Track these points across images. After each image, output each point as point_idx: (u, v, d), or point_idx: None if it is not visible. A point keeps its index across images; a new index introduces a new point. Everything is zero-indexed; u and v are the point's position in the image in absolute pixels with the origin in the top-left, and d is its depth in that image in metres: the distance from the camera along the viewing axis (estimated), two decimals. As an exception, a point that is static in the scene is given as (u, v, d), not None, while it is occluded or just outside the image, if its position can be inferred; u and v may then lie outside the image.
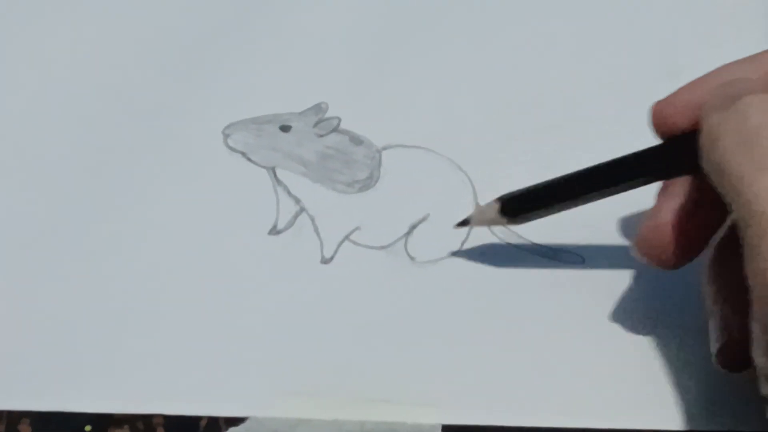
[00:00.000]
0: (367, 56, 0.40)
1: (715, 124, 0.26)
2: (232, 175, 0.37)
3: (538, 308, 0.34)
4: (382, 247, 0.35)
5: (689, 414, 0.31)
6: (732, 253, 0.27)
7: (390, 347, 0.33)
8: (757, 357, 0.25)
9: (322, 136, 0.37)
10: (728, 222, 0.30)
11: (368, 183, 0.37)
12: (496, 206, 0.33)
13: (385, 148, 0.37)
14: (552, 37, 0.40)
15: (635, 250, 0.30)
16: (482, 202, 0.35)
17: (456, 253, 0.35)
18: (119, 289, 0.35)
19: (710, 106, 0.27)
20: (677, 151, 0.29)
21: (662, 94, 0.30)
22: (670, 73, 0.30)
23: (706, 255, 0.30)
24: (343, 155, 0.37)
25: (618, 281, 0.34)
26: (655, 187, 0.31)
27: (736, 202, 0.25)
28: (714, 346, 0.29)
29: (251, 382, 0.33)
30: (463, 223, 0.34)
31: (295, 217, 0.36)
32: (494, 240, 0.35)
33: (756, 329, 0.25)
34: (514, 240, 0.35)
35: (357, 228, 0.36)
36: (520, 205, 0.32)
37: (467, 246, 0.35)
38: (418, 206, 0.36)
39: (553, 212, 0.32)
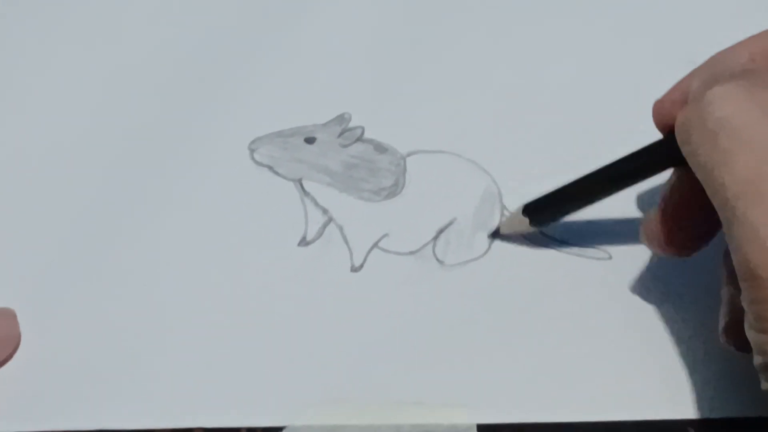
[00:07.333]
0: (387, 65, 0.40)
1: (686, 118, 0.27)
2: (259, 189, 0.37)
3: (566, 306, 0.34)
4: (411, 253, 0.36)
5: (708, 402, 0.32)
6: None
7: (422, 350, 0.33)
8: (747, 330, 0.26)
9: (346, 146, 0.38)
10: None
11: (394, 190, 0.37)
12: (521, 213, 0.34)
13: (409, 155, 0.38)
14: (569, 36, 0.41)
15: (641, 238, 0.32)
16: (508, 204, 0.36)
17: (484, 255, 0.35)
18: (152, 304, 0.35)
19: (691, 97, 0.28)
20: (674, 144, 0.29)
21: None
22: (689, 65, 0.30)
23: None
24: (368, 164, 0.37)
25: (645, 277, 0.34)
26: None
27: (709, 192, 0.26)
28: (720, 324, 0.31)
29: (287, 391, 0.33)
30: (495, 233, 0.36)
31: (324, 227, 0.36)
32: (521, 240, 0.35)
33: (745, 306, 0.26)
34: (541, 240, 0.35)
35: (385, 235, 0.36)
36: (542, 210, 0.34)
37: (495, 247, 0.35)
38: (445, 210, 0.36)
39: (572, 211, 0.33)
